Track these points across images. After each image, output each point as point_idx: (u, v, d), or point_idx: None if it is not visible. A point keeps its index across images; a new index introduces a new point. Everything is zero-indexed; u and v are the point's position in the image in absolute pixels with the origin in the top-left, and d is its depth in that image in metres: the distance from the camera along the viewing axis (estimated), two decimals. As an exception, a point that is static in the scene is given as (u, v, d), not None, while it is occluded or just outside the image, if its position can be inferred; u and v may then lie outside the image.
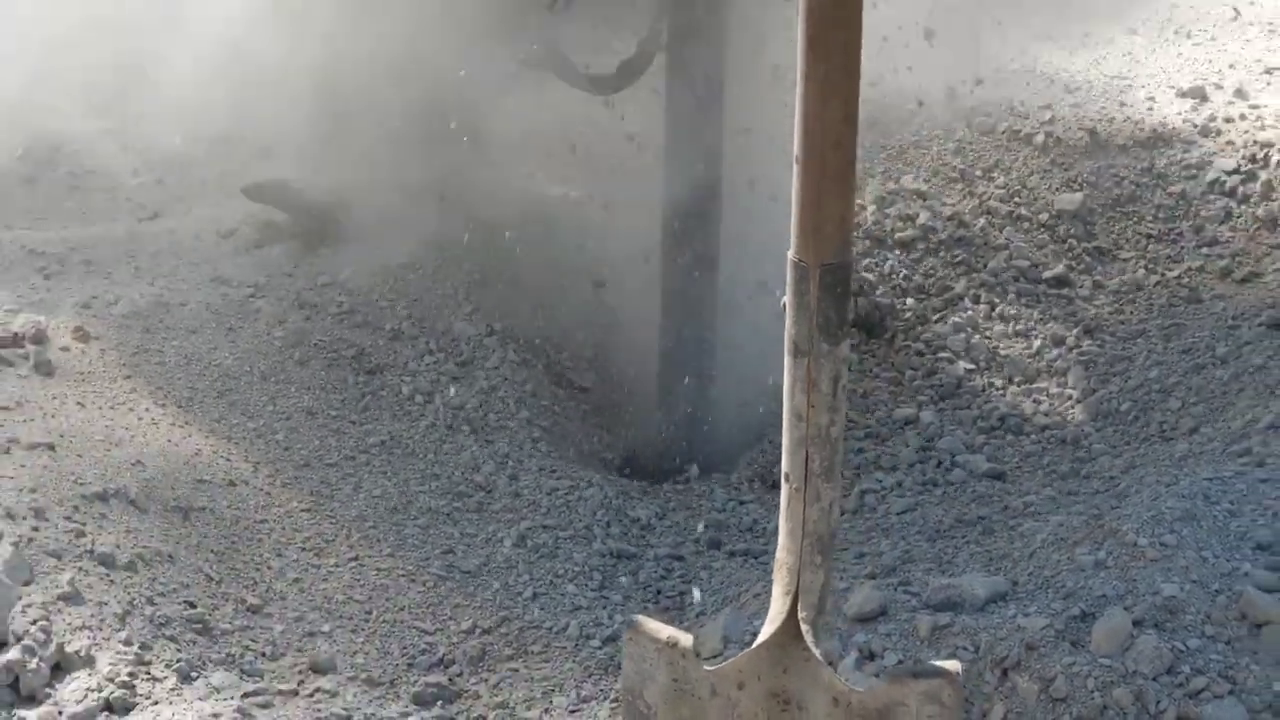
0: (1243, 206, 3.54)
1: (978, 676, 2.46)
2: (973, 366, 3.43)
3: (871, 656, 2.59)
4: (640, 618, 2.26)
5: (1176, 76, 3.77)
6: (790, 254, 2.05)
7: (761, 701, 2.19)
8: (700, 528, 3.14)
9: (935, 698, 2.14)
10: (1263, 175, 3.57)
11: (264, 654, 2.73)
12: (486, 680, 2.76)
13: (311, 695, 2.67)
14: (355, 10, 3.31)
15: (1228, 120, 3.68)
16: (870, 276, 3.42)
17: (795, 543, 2.11)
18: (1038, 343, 3.45)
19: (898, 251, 3.54)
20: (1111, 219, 3.56)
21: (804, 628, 2.13)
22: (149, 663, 2.63)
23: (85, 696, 2.56)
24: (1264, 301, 3.34)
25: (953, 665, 2.17)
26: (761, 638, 2.16)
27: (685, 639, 2.21)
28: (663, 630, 2.22)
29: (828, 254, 2.05)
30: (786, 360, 2.08)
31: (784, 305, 2.05)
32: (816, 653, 2.14)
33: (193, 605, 2.75)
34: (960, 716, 2.24)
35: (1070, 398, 3.35)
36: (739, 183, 3.27)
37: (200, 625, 2.73)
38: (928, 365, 3.44)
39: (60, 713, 2.55)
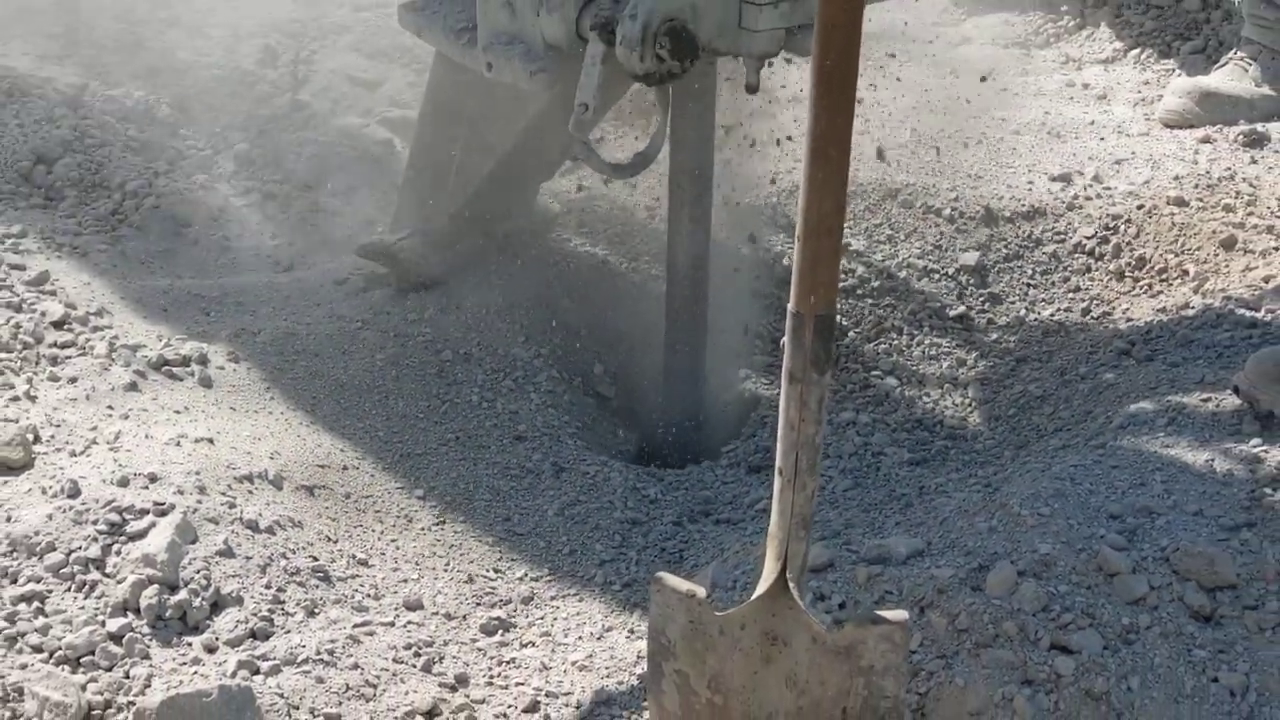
0: (1099, 263, 3.55)
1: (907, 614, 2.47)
2: (897, 382, 3.43)
3: (822, 598, 2.59)
4: (664, 574, 2.29)
5: (1050, 166, 3.78)
6: (790, 307, 2.09)
7: (757, 639, 2.21)
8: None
9: (889, 638, 2.18)
10: (1113, 240, 3.58)
11: (369, 595, 2.74)
12: (534, 615, 2.76)
13: (405, 626, 2.68)
14: (446, 120, 3.33)
15: (1087, 198, 3.69)
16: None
17: (785, 521, 2.13)
18: (946, 364, 3.45)
19: (842, 296, 3.55)
20: (1001, 272, 3.57)
21: (791, 585, 2.17)
22: (283, 601, 2.64)
23: (236, 627, 2.56)
24: (1114, 334, 3.35)
25: (901, 615, 2.20)
26: (758, 591, 2.20)
27: (700, 591, 2.24)
28: (682, 584, 2.26)
29: (820, 308, 2.09)
30: (784, 385, 2.11)
31: (783, 344, 2.08)
32: (800, 603, 2.17)
33: (316, 559, 2.76)
34: (907, 653, 2.26)
35: (971, 406, 3.35)
36: (724, 246, 3.28)
37: (322, 574, 2.73)
38: (863, 380, 3.44)
39: (216, 638, 2.56)
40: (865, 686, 2.17)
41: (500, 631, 2.70)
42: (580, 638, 2.70)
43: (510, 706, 2.54)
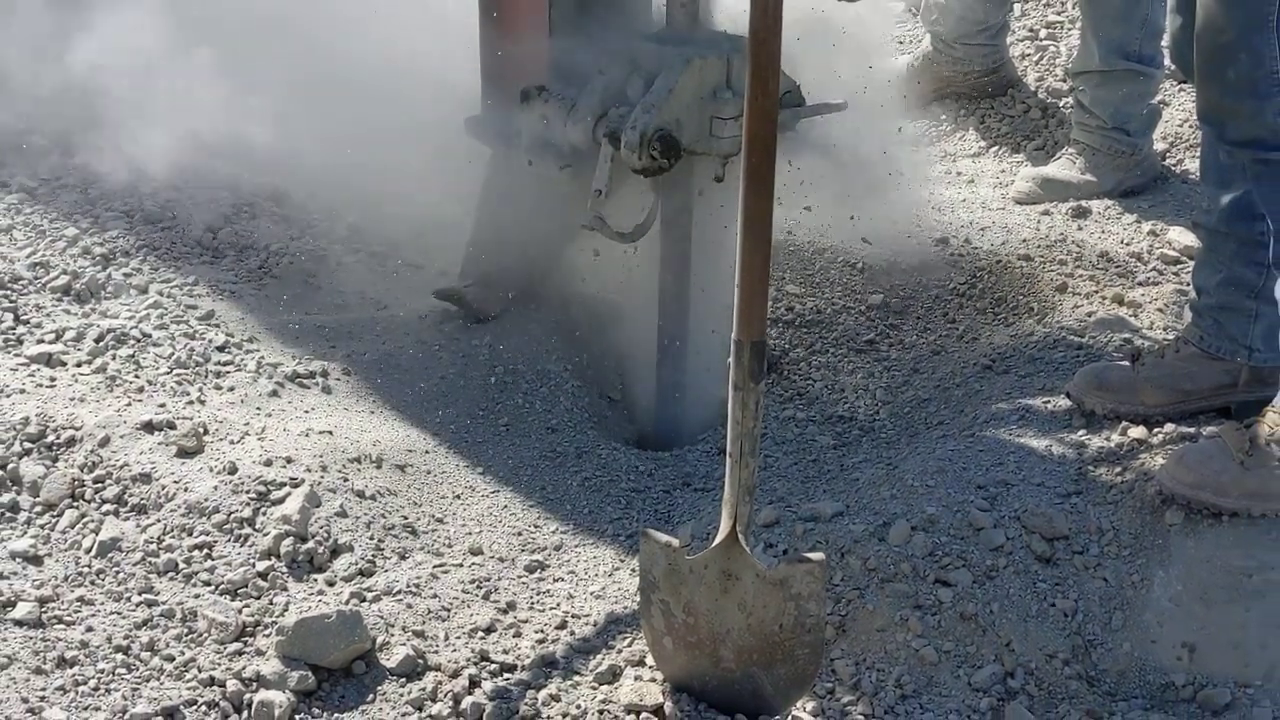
0: (968, 302, 3.55)
1: (827, 557, 2.48)
2: (826, 389, 3.43)
3: (770, 546, 2.59)
4: (649, 530, 2.28)
5: (933, 231, 3.77)
6: (733, 335, 2.09)
7: (717, 576, 2.21)
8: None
9: (811, 573, 2.18)
10: (979, 285, 3.59)
11: (445, 544, 2.72)
12: (563, 558, 2.75)
13: (470, 566, 2.66)
14: (499, 201, 3.32)
15: (962, 254, 3.69)
16: (769, 339, 3.42)
17: (734, 490, 2.13)
18: (860, 375, 3.45)
19: (781, 326, 3.55)
20: (899, 309, 3.58)
21: (740, 536, 2.16)
22: (382, 549, 2.63)
23: (348, 567, 2.57)
24: (980, 354, 3.34)
25: (819, 556, 2.20)
26: (716, 541, 2.19)
27: (675, 541, 2.24)
28: (662, 536, 2.26)
29: (755, 335, 2.09)
30: (730, 392, 2.10)
31: (729, 363, 2.07)
32: (747, 549, 2.17)
33: (406, 518, 2.74)
34: (824, 584, 2.26)
35: (878, 406, 3.34)
36: (699, 289, 3.26)
37: (410, 529, 2.72)
38: (799, 387, 3.44)
39: (335, 576, 2.56)
40: (795, 608, 2.17)
41: (538, 570, 2.70)
42: (596, 575, 2.70)
43: (546, 624, 2.54)
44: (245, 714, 2.29)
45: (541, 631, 2.51)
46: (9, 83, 4.08)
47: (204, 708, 2.28)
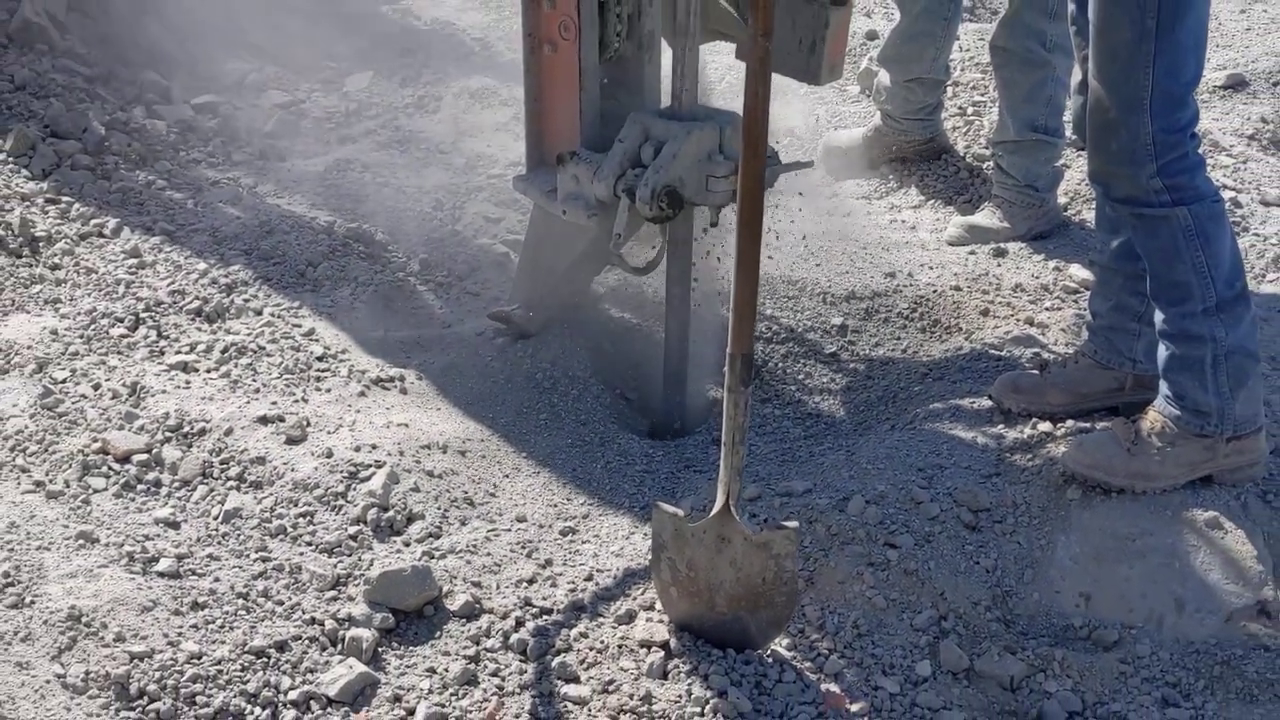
0: (911, 324, 3.52)
1: (800, 525, 2.48)
2: (798, 390, 3.43)
3: (753, 516, 2.61)
4: (660, 502, 2.30)
5: (883, 267, 3.73)
6: (728, 348, 2.10)
7: (713, 539, 2.23)
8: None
9: (788, 537, 2.20)
10: (919, 310, 3.56)
11: (496, 513, 2.73)
12: (590, 525, 2.75)
13: (516, 531, 2.67)
14: (539, 242, 3.32)
15: (905, 286, 3.66)
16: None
17: (727, 470, 2.15)
18: (825, 379, 3.45)
19: (763, 341, 3.55)
20: (856, 329, 3.56)
21: (731, 507, 2.18)
22: (448, 517, 2.65)
23: (421, 531, 2.59)
24: (919, 364, 3.33)
25: (794, 524, 2.22)
26: (712, 512, 2.20)
27: (680, 511, 2.25)
28: (669, 508, 2.27)
29: (745, 348, 2.11)
30: (725, 394, 2.12)
31: (724, 371, 2.09)
32: (737, 518, 2.18)
33: (466, 493, 2.76)
34: (797, 547, 2.28)
35: (839, 405, 3.33)
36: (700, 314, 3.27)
37: (469, 501, 2.74)
38: (776, 389, 3.43)
39: (410, 538, 2.58)
40: (775, 565, 2.19)
41: (570, 535, 2.71)
42: (616, 538, 2.71)
43: (576, 577, 2.56)
44: (339, 646, 2.33)
45: (573, 583, 2.53)
46: (155, 147, 4.12)
47: (307, 641, 2.32)
